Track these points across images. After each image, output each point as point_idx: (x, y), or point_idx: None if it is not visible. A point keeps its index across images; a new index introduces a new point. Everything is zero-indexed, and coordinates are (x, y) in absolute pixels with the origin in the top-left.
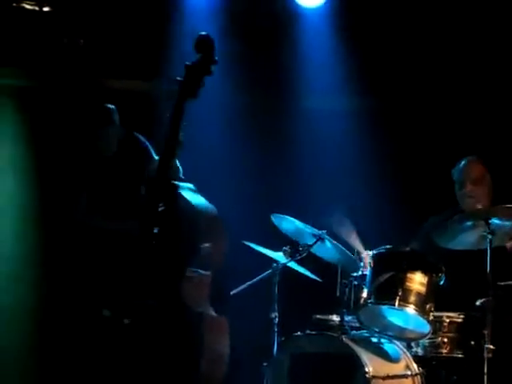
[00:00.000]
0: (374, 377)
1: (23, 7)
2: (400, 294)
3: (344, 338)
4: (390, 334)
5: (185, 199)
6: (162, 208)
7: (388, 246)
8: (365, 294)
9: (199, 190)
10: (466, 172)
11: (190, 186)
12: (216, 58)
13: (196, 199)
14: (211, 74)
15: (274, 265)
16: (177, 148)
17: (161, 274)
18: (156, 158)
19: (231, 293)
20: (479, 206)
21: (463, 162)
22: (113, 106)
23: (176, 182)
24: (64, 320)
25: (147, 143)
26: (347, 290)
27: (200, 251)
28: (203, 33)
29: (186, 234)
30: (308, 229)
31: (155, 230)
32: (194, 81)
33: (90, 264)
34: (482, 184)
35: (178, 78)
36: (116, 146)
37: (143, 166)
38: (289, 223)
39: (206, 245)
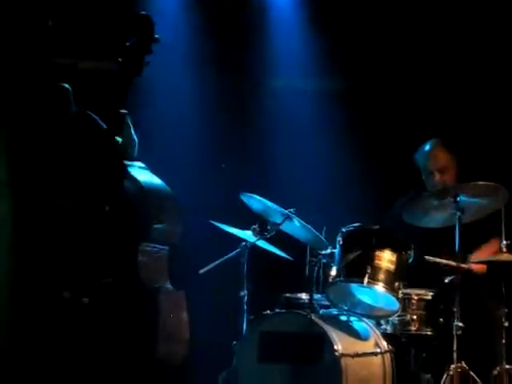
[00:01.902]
0: (343, 355)
1: None
2: (369, 271)
3: (313, 317)
4: (359, 311)
5: (134, 178)
6: (112, 186)
7: (357, 224)
8: (334, 272)
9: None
10: (432, 160)
11: (141, 164)
12: (156, 36)
13: (146, 177)
14: (151, 52)
15: (243, 243)
16: (122, 127)
17: (115, 251)
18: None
19: (200, 272)
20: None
21: (427, 148)
22: (68, 86)
23: (126, 162)
24: (27, 304)
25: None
26: (316, 268)
27: (153, 228)
28: (142, 12)
29: (137, 212)
30: (276, 207)
31: (106, 208)
32: (134, 61)
33: (49, 245)
34: (449, 171)
35: (119, 59)
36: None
37: (94, 143)
38: (257, 202)
39: (159, 221)
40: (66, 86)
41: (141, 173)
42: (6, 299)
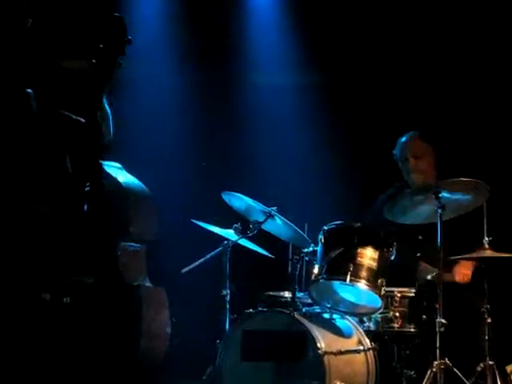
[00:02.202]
0: (326, 352)
1: None
2: (351, 269)
3: (296, 315)
4: (341, 309)
5: (113, 177)
6: (89, 187)
7: (339, 222)
8: (316, 270)
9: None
10: (407, 147)
11: (118, 165)
12: (129, 37)
13: (124, 177)
14: (124, 54)
15: (225, 242)
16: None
17: (94, 250)
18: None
19: (183, 271)
20: (424, 180)
21: (403, 139)
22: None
23: (102, 161)
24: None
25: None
26: (298, 266)
27: (129, 227)
28: (115, 14)
29: (115, 211)
30: (258, 206)
31: (84, 209)
32: (106, 62)
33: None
34: (424, 157)
35: (93, 61)
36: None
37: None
38: (239, 200)
39: (136, 221)
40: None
41: (118, 173)
42: None
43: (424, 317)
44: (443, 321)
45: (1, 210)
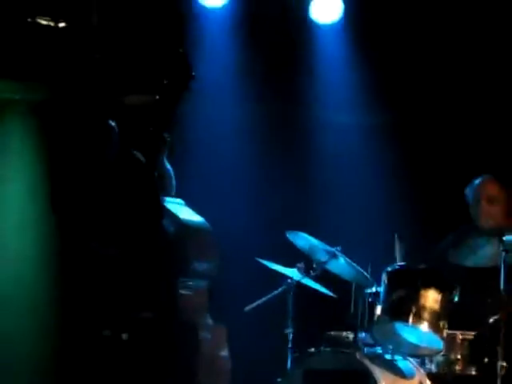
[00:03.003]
0: None
1: (38, 22)
2: (414, 311)
3: (358, 355)
4: (403, 350)
5: (174, 215)
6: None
7: (402, 263)
8: (379, 311)
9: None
10: (481, 191)
11: (179, 200)
12: (193, 73)
13: (186, 214)
14: (188, 89)
15: (289, 281)
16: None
17: (154, 287)
18: None
19: (246, 309)
20: (493, 225)
21: (477, 181)
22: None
23: (165, 198)
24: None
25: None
26: (361, 306)
27: (190, 263)
28: (180, 50)
29: (177, 249)
30: (322, 245)
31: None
32: (170, 98)
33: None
34: (497, 202)
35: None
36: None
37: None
38: (303, 240)
39: (198, 257)
40: (112, 123)
41: (180, 210)
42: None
43: (485, 360)
44: (504, 364)
45: (70, 249)
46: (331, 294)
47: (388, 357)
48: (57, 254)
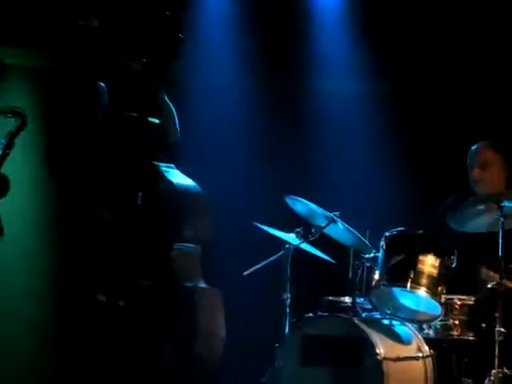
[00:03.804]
0: (385, 358)
1: None
2: (412, 276)
3: (355, 320)
4: (401, 316)
5: (167, 179)
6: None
7: (400, 229)
8: (377, 276)
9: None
10: (475, 156)
11: (171, 165)
12: (181, 36)
13: (175, 178)
14: (177, 52)
15: (287, 246)
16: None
17: (149, 252)
18: None
19: (245, 273)
20: (488, 190)
21: (473, 147)
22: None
23: (157, 163)
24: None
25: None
26: (359, 271)
27: (183, 227)
28: (167, 12)
29: (169, 212)
30: (320, 211)
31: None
32: (158, 61)
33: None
34: (489, 168)
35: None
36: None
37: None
38: (302, 205)
39: (191, 222)
40: (102, 86)
41: (172, 174)
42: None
43: (483, 325)
44: (502, 330)
45: (65, 214)
46: (329, 259)
47: (386, 322)
48: (55, 218)
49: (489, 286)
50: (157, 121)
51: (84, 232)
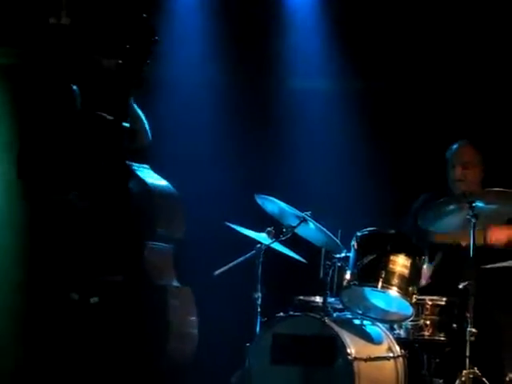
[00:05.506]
0: (356, 358)
1: None
2: (383, 275)
3: (326, 320)
4: (372, 315)
5: (141, 179)
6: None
7: (372, 228)
8: (348, 276)
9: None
10: (457, 155)
11: (145, 166)
12: (156, 38)
13: (152, 179)
14: (151, 54)
15: (258, 245)
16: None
17: (122, 250)
18: None
19: (215, 273)
20: (466, 189)
21: (455, 146)
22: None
23: (130, 162)
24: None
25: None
26: (330, 271)
27: (155, 226)
28: (143, 15)
29: (143, 212)
30: (291, 210)
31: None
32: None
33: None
34: (472, 168)
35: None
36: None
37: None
38: (272, 204)
39: (164, 221)
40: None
41: (146, 174)
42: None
43: (454, 325)
44: (473, 330)
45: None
46: (301, 258)
47: (357, 322)
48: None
49: (460, 286)
50: (127, 124)
51: (55, 226)
